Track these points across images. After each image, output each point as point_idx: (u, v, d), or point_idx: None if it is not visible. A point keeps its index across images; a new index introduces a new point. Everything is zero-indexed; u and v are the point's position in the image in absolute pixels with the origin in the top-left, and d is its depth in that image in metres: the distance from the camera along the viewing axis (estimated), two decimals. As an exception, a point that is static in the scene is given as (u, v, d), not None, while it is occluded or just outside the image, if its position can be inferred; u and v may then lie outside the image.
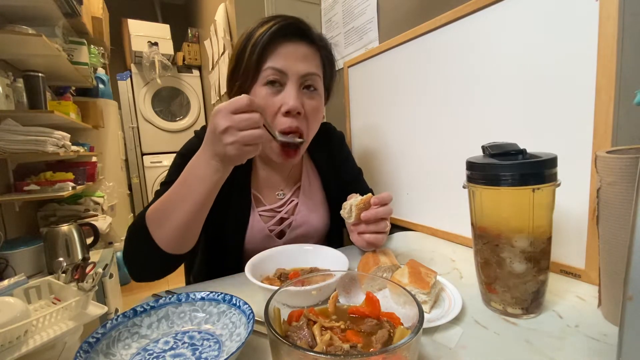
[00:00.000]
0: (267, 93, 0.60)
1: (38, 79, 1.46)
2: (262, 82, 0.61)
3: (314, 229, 0.76)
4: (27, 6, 1.44)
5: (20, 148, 1.37)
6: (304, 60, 0.62)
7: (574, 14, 0.53)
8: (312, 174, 0.80)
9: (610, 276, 0.42)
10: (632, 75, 0.48)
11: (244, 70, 0.62)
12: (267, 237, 0.72)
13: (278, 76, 0.60)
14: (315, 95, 0.65)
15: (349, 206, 0.60)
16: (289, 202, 0.75)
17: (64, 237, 1.40)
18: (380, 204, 0.59)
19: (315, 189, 0.79)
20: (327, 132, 0.84)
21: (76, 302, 0.47)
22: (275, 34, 0.60)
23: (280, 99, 0.61)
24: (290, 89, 0.60)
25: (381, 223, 0.60)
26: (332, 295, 0.41)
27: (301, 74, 0.61)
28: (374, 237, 0.60)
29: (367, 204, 0.60)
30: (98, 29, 2.23)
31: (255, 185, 0.74)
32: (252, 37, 0.61)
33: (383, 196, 0.59)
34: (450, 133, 0.78)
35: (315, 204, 0.78)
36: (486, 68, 0.68)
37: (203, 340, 0.43)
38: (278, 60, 0.60)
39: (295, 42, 0.61)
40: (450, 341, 0.41)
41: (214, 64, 2.67)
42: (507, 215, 0.44)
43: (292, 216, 0.75)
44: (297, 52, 0.61)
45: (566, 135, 0.56)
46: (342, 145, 0.87)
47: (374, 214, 0.58)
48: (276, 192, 0.75)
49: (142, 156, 3.32)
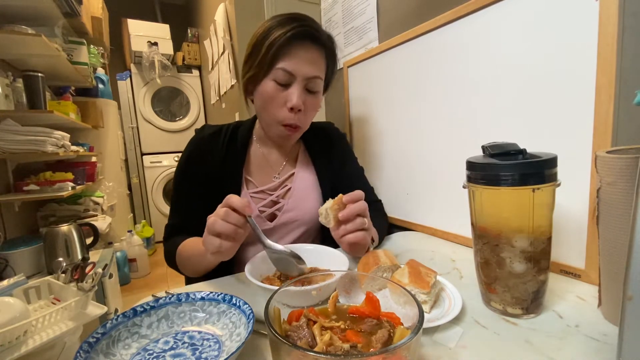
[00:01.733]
0: (274, 87, 0.68)
1: (38, 78, 1.46)
2: (271, 78, 0.68)
3: (305, 215, 0.79)
4: (27, 6, 1.44)
5: (19, 148, 1.36)
6: (312, 64, 0.69)
7: (574, 14, 0.53)
8: (307, 165, 0.84)
9: (610, 276, 0.42)
10: (632, 75, 0.48)
11: (258, 63, 0.68)
12: (257, 218, 0.76)
13: (287, 77, 0.68)
14: (316, 94, 0.73)
15: (325, 210, 0.61)
16: (282, 187, 0.80)
17: (64, 237, 1.40)
18: (352, 201, 0.61)
19: (309, 179, 0.83)
20: (326, 129, 0.89)
21: (76, 302, 0.47)
22: (290, 39, 0.66)
23: (285, 95, 0.69)
24: (296, 88, 0.68)
25: (357, 220, 0.61)
26: (332, 295, 0.41)
27: (307, 77, 0.68)
28: (354, 235, 0.60)
29: (340, 205, 0.61)
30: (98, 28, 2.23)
31: (248, 169, 0.79)
32: (270, 35, 0.67)
33: (354, 194, 0.62)
34: (450, 133, 0.78)
35: (307, 193, 0.81)
36: (486, 68, 0.68)
37: (203, 340, 0.43)
38: (289, 62, 0.67)
39: (306, 47, 0.68)
40: (450, 341, 0.41)
41: (214, 64, 2.67)
42: (507, 215, 0.44)
43: (282, 200, 0.79)
44: (307, 56, 0.68)
45: (566, 135, 0.56)
46: (341, 144, 0.90)
47: (348, 212, 0.60)
48: (271, 174, 0.80)
49: (142, 156, 3.32)
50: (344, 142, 0.91)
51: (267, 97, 0.69)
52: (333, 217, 0.60)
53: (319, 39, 0.70)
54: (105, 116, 2.49)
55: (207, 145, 0.76)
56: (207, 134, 0.77)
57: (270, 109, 0.70)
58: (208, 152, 0.75)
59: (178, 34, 3.38)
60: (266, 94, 0.69)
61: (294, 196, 0.79)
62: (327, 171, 0.84)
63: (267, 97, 0.69)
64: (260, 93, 0.70)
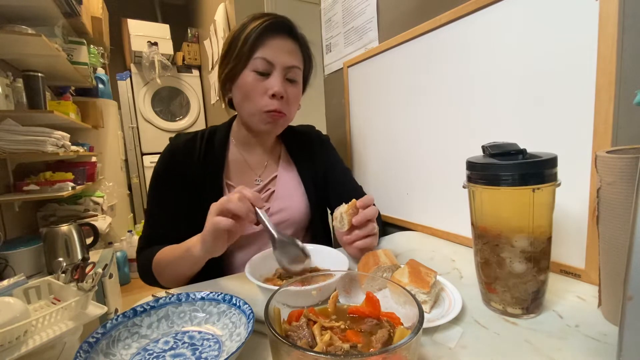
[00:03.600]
0: (254, 78, 0.69)
1: (38, 78, 1.46)
2: (251, 68, 0.69)
3: (292, 216, 0.80)
4: (27, 6, 1.44)
5: (19, 148, 1.37)
6: (289, 54, 0.71)
7: (574, 14, 0.53)
8: (290, 166, 0.85)
9: (610, 276, 0.42)
10: (632, 75, 0.48)
11: (235, 56, 0.70)
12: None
13: (266, 66, 0.69)
14: (296, 84, 0.74)
15: (340, 215, 0.62)
16: (265, 190, 0.80)
17: (64, 237, 1.41)
18: (366, 205, 0.62)
19: (292, 180, 0.83)
20: (308, 133, 0.91)
21: (76, 302, 0.47)
22: (266, 29, 0.68)
23: (266, 84, 0.69)
24: (276, 76, 0.69)
25: (369, 225, 0.62)
26: (332, 295, 0.41)
27: (286, 66, 0.70)
28: (363, 242, 0.62)
29: (354, 209, 0.62)
30: (98, 28, 2.23)
31: (227, 174, 0.78)
32: (246, 29, 0.69)
33: (367, 198, 0.63)
34: (450, 133, 0.78)
35: (292, 194, 0.81)
36: (486, 68, 0.68)
37: (203, 340, 0.43)
38: (267, 51, 0.68)
39: (282, 38, 0.70)
40: (450, 341, 0.41)
41: (214, 64, 2.67)
42: (507, 215, 0.44)
43: (266, 203, 0.78)
44: (284, 46, 0.70)
45: (566, 135, 0.56)
46: (325, 146, 0.91)
47: (363, 216, 0.61)
48: (252, 177, 0.80)
49: (142, 156, 3.32)
50: (327, 145, 0.92)
51: (248, 88, 0.69)
52: (348, 222, 0.62)
53: (294, 32, 0.72)
54: (105, 116, 2.49)
55: (183, 153, 0.74)
56: (182, 141, 0.76)
57: (252, 98, 0.70)
58: (185, 159, 0.74)
59: (178, 34, 3.38)
60: (247, 85, 0.69)
61: (278, 198, 0.79)
62: (310, 172, 0.84)
63: (248, 87, 0.69)
64: (239, 86, 0.71)
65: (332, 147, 0.93)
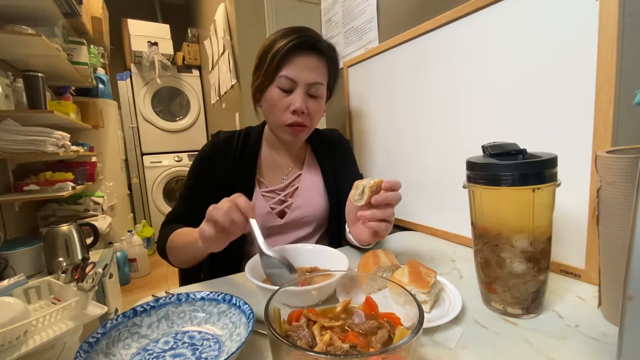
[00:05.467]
0: (279, 94, 0.75)
1: (38, 78, 1.45)
2: (276, 85, 0.74)
3: (312, 212, 0.85)
4: (27, 6, 1.44)
5: (20, 148, 1.36)
6: (313, 71, 0.74)
7: (574, 14, 0.53)
8: (314, 166, 0.90)
9: (610, 276, 0.42)
10: (632, 75, 0.48)
11: (264, 72, 0.75)
12: (268, 214, 0.81)
13: (290, 84, 0.74)
14: (318, 99, 0.78)
15: (362, 187, 0.59)
16: (290, 186, 0.85)
17: (64, 237, 1.40)
18: (391, 189, 0.59)
19: (315, 179, 0.88)
20: (331, 135, 0.96)
21: (76, 302, 0.47)
22: (290, 49, 0.72)
23: (289, 100, 0.74)
24: (298, 94, 0.74)
25: (389, 210, 0.60)
26: (344, 302, 0.40)
27: (309, 83, 0.74)
28: (377, 225, 0.59)
29: (378, 188, 0.59)
30: (98, 28, 2.22)
31: (260, 171, 0.85)
32: (274, 46, 0.74)
33: (394, 181, 0.60)
34: (450, 133, 0.78)
35: (314, 192, 0.86)
36: (486, 68, 0.68)
37: (203, 340, 0.43)
38: (291, 70, 0.73)
39: (307, 55, 0.74)
40: (450, 341, 0.41)
41: (214, 64, 2.67)
42: (507, 215, 0.44)
43: (290, 198, 0.84)
44: (308, 64, 0.74)
45: (566, 135, 0.56)
46: (345, 149, 0.96)
47: (384, 198, 0.58)
48: (280, 175, 0.86)
49: (142, 156, 3.31)
50: (347, 147, 0.97)
51: (272, 103, 0.75)
52: (367, 197, 0.58)
53: (320, 47, 0.75)
54: (105, 116, 2.49)
55: (222, 148, 0.82)
56: (222, 139, 0.84)
57: (275, 113, 0.76)
58: (223, 154, 0.81)
59: (178, 34, 3.38)
60: (271, 100, 0.75)
61: (301, 195, 0.84)
62: (332, 173, 0.89)
63: (272, 102, 0.75)
64: (266, 100, 0.77)
65: (350, 149, 0.99)
